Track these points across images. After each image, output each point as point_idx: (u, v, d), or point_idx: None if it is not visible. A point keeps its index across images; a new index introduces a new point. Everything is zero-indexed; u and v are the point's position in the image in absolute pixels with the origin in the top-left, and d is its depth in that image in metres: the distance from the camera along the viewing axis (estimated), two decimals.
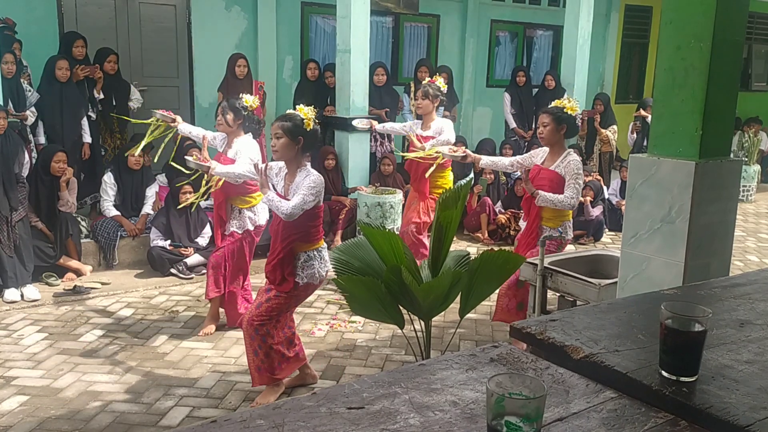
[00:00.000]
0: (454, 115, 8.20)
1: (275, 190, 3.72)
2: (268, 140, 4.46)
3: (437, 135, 5.43)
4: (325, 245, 3.81)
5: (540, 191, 4.13)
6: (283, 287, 3.67)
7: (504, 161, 4.81)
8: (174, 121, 4.81)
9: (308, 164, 3.73)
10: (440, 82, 5.53)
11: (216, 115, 4.72)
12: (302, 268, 3.64)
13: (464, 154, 4.77)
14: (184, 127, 4.85)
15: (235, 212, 4.57)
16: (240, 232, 4.59)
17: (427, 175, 5.22)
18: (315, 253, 3.68)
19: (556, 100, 4.43)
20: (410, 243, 5.48)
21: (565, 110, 4.25)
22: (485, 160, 4.77)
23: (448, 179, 5.50)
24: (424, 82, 5.61)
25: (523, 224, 4.51)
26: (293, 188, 3.65)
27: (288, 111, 3.78)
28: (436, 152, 5.04)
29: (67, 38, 6.56)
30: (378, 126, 6.04)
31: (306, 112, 3.69)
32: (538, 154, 4.44)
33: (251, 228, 4.61)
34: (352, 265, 3.17)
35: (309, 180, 3.57)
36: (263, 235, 4.72)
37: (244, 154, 4.45)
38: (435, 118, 5.54)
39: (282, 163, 3.76)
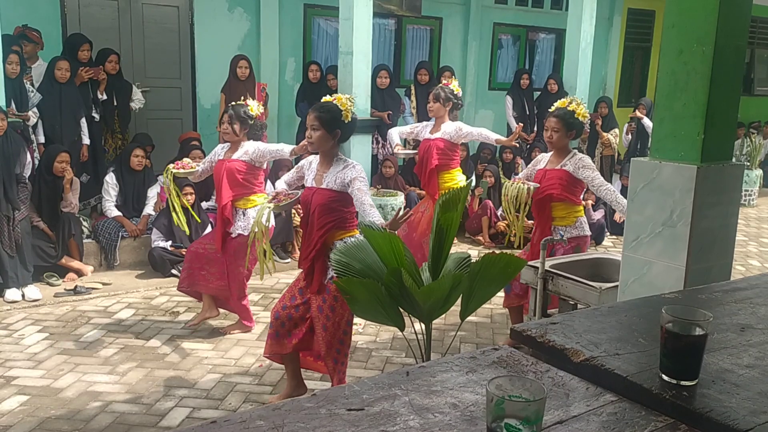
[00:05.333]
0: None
1: (305, 185, 3.65)
2: (268, 141, 4.43)
3: (448, 139, 5.38)
4: (360, 234, 3.62)
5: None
6: (317, 288, 3.54)
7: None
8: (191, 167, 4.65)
9: (341, 155, 3.62)
10: (454, 85, 5.43)
11: (221, 122, 4.64)
12: None
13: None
14: (201, 168, 4.66)
15: (239, 214, 4.51)
16: (246, 234, 4.47)
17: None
18: (350, 240, 3.53)
19: (561, 100, 4.39)
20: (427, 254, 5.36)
21: (575, 115, 4.23)
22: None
23: (457, 180, 5.42)
24: (438, 86, 5.52)
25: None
26: (328, 177, 3.53)
27: (325, 99, 3.59)
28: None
29: (73, 41, 6.57)
30: (397, 150, 5.81)
31: (344, 102, 3.53)
32: (540, 161, 4.44)
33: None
34: (352, 267, 3.16)
35: (355, 173, 3.50)
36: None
37: (263, 146, 4.46)
38: (447, 121, 5.42)
39: (314, 157, 3.67)
